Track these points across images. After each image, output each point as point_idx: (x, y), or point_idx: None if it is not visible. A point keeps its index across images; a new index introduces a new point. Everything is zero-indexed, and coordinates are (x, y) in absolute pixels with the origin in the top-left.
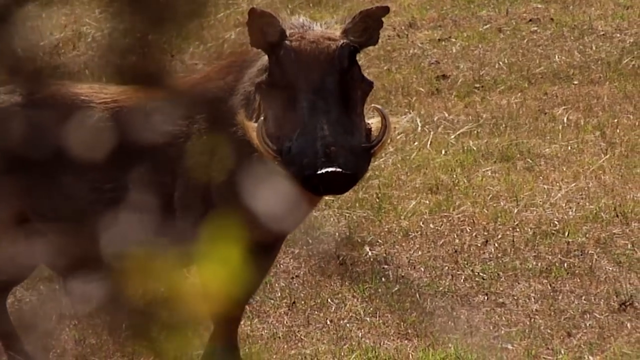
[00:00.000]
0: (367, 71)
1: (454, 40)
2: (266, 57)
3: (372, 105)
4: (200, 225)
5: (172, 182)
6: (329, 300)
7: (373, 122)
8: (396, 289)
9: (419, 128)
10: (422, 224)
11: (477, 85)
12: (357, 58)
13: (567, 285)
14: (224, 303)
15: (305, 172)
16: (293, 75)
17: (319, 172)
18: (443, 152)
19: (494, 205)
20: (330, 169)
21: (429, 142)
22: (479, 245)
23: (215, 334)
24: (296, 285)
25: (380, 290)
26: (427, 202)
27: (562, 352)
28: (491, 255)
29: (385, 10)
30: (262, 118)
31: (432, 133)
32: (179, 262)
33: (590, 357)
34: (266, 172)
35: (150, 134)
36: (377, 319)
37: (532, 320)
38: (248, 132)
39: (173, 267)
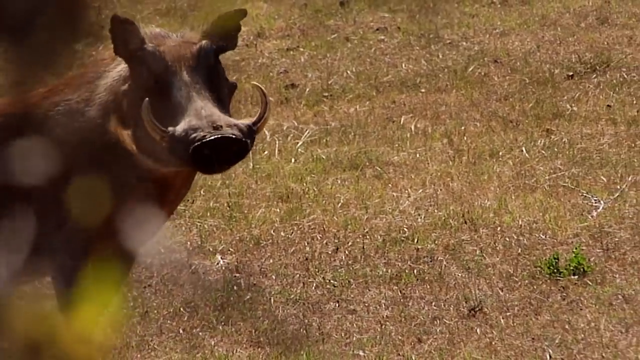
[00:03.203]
0: None
1: (302, 49)
2: (121, 66)
3: (252, 82)
4: (56, 236)
5: (27, 194)
6: (181, 309)
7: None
8: (248, 297)
9: (268, 137)
10: (273, 232)
11: (326, 94)
12: None
13: (417, 291)
14: (82, 315)
15: (196, 144)
16: (161, 75)
17: (209, 138)
18: (293, 160)
19: (344, 213)
20: (220, 135)
21: (277, 151)
22: (330, 252)
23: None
24: (148, 294)
25: (232, 298)
26: (278, 210)
27: (413, 357)
28: (342, 263)
29: (243, 13)
30: (146, 100)
31: (280, 142)
32: (31, 274)
33: None
34: (124, 181)
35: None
36: (230, 327)
37: (383, 326)
38: (122, 137)
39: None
